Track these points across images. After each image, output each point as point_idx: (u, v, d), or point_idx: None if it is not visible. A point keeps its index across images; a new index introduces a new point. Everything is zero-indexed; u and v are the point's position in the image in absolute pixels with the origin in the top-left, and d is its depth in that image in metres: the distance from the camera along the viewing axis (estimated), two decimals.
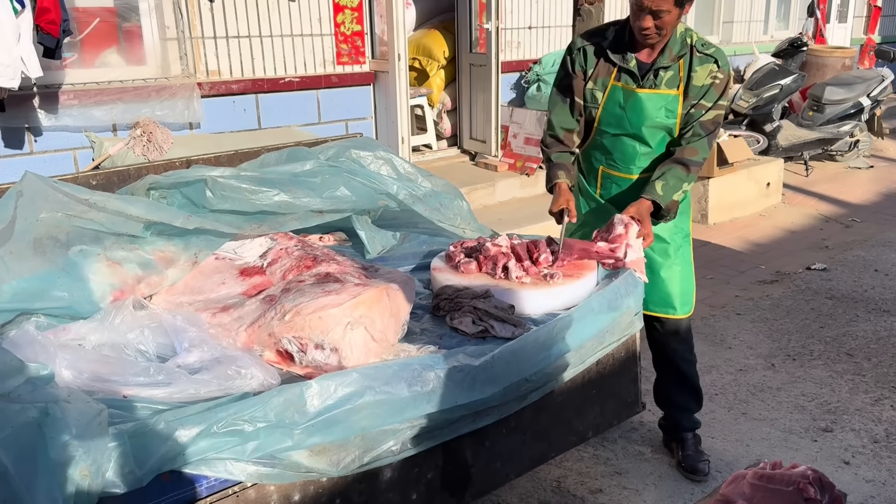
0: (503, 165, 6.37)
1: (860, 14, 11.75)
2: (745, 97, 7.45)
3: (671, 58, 2.50)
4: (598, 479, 2.82)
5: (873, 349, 3.82)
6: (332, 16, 5.57)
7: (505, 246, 2.46)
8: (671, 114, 2.53)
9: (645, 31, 2.42)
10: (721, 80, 2.52)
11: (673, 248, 2.70)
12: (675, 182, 2.49)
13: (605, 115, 2.61)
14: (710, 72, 2.50)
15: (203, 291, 2.28)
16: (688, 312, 2.77)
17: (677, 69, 2.51)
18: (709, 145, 2.54)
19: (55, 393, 1.51)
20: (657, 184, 2.49)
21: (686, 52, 2.51)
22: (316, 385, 1.66)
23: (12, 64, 3.57)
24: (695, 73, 2.50)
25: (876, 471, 2.84)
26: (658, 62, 2.51)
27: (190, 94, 4.84)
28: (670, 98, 2.52)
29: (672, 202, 2.51)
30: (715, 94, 2.52)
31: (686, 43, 2.51)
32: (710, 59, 2.51)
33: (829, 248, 5.50)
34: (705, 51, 2.52)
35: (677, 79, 2.51)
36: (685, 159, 2.51)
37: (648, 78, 2.52)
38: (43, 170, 4.11)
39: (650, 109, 2.53)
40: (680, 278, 2.73)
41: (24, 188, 2.05)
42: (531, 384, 2.03)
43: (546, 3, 6.91)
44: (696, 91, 2.51)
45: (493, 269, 2.38)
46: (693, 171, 2.52)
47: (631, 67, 2.53)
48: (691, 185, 2.56)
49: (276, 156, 2.72)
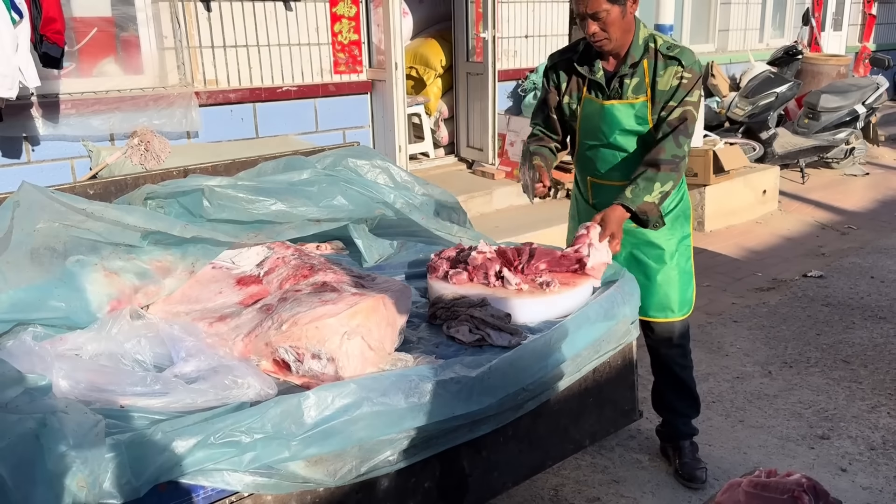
0: (500, 173, 6.38)
1: (855, 22, 11.81)
2: (741, 105, 7.48)
3: (632, 63, 2.50)
4: (595, 487, 2.82)
5: (870, 356, 3.83)
6: (329, 25, 5.59)
7: (489, 252, 2.47)
8: (642, 121, 2.54)
9: (593, 36, 2.43)
10: (689, 78, 2.48)
11: (668, 253, 2.69)
12: (644, 184, 2.45)
13: (583, 128, 2.65)
14: (675, 73, 2.48)
15: (200, 301, 2.28)
16: (686, 313, 2.77)
17: (642, 75, 2.51)
18: (676, 142, 2.48)
19: (52, 403, 1.51)
20: (627, 188, 2.47)
21: (649, 57, 2.50)
22: (313, 396, 1.67)
23: (10, 74, 3.58)
24: (660, 78, 2.48)
25: (873, 478, 2.85)
26: (621, 70, 2.51)
27: (187, 103, 4.85)
28: (638, 105, 2.52)
29: (646, 204, 2.45)
30: (682, 92, 2.48)
31: (649, 47, 2.50)
32: (674, 61, 2.48)
33: (825, 255, 5.51)
34: (669, 53, 2.49)
35: (643, 85, 2.51)
36: (653, 159, 2.48)
37: (614, 87, 2.53)
38: (40, 179, 4.12)
39: (621, 119, 2.54)
40: (677, 282, 2.72)
41: (20, 198, 2.05)
42: (528, 393, 2.03)
43: (542, 12, 6.95)
44: (662, 95, 2.49)
45: (486, 278, 2.38)
46: (664, 169, 2.45)
47: (598, 78, 2.55)
48: (668, 184, 2.47)
49: (273, 165, 2.72)
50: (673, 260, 2.71)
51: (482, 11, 6.30)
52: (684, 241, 2.75)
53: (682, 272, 2.74)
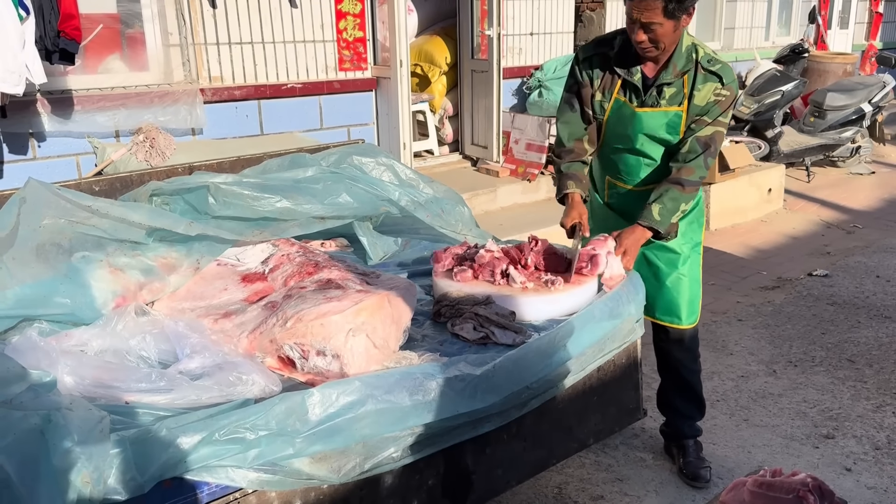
0: (505, 171, 6.38)
1: (861, 20, 11.77)
2: (747, 103, 7.46)
3: (675, 73, 2.44)
4: (599, 485, 2.81)
5: (875, 355, 3.82)
6: (334, 22, 5.59)
7: (497, 251, 2.47)
8: (674, 131, 2.50)
9: (640, 44, 2.37)
10: (726, 97, 2.45)
11: (681, 258, 2.67)
12: (672, 205, 2.45)
13: (610, 129, 2.60)
14: (714, 90, 2.44)
15: (205, 297, 2.29)
16: (693, 322, 2.75)
17: (681, 85, 2.46)
18: (705, 164, 2.46)
19: (57, 400, 1.51)
20: (654, 207, 2.45)
21: (691, 68, 2.45)
22: (318, 393, 1.67)
23: (17, 70, 3.58)
24: (697, 92, 2.44)
25: (878, 478, 2.84)
26: (661, 78, 2.46)
27: (192, 99, 4.85)
28: (672, 115, 2.48)
29: (672, 225, 2.49)
30: (718, 110, 2.46)
31: (692, 58, 2.45)
32: (715, 77, 2.44)
33: (830, 254, 5.49)
34: (710, 67, 2.44)
35: (681, 95, 2.46)
36: (682, 179, 2.45)
37: (651, 94, 2.48)
38: (46, 175, 4.12)
39: (651, 127, 2.51)
40: (686, 288, 2.70)
41: (27, 195, 2.06)
42: (532, 391, 2.03)
43: (547, 10, 6.93)
44: (696, 109, 2.46)
45: (493, 276, 2.38)
46: (689, 190, 2.46)
47: (635, 81, 2.49)
48: (690, 204, 2.52)
49: (278, 162, 2.72)
50: (685, 265, 2.68)
51: (487, 8, 6.28)
52: (696, 248, 2.72)
53: (692, 279, 2.70)
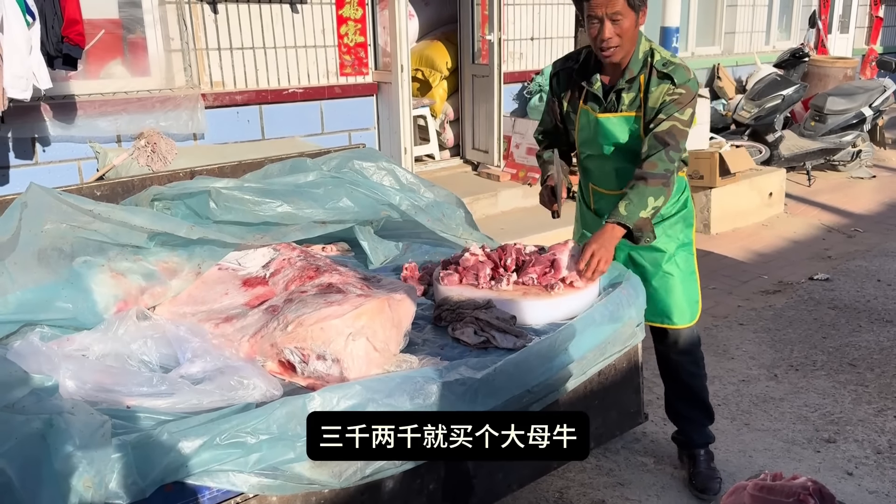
0: (505, 175, 6.38)
1: (862, 24, 11.78)
2: (747, 107, 7.46)
3: (631, 77, 2.47)
4: (600, 490, 2.81)
5: (876, 359, 3.82)
6: (335, 27, 5.60)
7: (481, 254, 2.48)
8: (634, 134, 2.52)
9: (607, 41, 2.37)
10: (681, 95, 2.43)
11: (666, 256, 2.64)
12: (637, 199, 2.40)
13: (580, 138, 2.65)
14: (665, 91, 2.44)
15: (206, 302, 2.29)
16: (687, 323, 2.70)
17: (637, 90, 2.48)
18: (668, 158, 2.42)
19: (59, 404, 1.52)
20: (620, 204, 2.42)
21: (646, 72, 2.47)
22: (318, 397, 1.67)
23: (25, 75, 3.60)
24: (650, 94, 2.45)
25: (879, 482, 2.83)
26: (617, 84, 2.50)
27: (194, 104, 4.87)
28: (632, 119, 2.51)
29: (641, 220, 2.43)
30: (674, 108, 2.43)
31: (647, 62, 2.47)
32: (667, 78, 2.44)
33: (831, 258, 5.49)
34: (664, 70, 2.45)
35: (639, 100, 2.49)
36: (645, 173, 2.43)
37: (611, 101, 2.52)
38: (48, 180, 4.14)
39: (614, 133, 2.54)
40: (676, 288, 2.66)
41: (28, 199, 2.07)
42: (533, 395, 2.03)
43: (548, 15, 6.95)
44: (650, 111, 2.46)
45: (477, 280, 2.38)
46: (653, 183, 2.40)
47: (595, 90, 2.54)
48: (660, 199, 2.43)
49: (279, 167, 2.73)
50: (670, 263, 2.64)
51: (488, 14, 6.30)
52: (685, 248, 2.68)
53: (681, 279, 2.66)
